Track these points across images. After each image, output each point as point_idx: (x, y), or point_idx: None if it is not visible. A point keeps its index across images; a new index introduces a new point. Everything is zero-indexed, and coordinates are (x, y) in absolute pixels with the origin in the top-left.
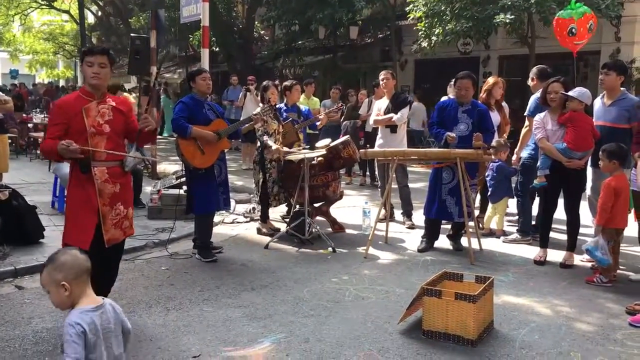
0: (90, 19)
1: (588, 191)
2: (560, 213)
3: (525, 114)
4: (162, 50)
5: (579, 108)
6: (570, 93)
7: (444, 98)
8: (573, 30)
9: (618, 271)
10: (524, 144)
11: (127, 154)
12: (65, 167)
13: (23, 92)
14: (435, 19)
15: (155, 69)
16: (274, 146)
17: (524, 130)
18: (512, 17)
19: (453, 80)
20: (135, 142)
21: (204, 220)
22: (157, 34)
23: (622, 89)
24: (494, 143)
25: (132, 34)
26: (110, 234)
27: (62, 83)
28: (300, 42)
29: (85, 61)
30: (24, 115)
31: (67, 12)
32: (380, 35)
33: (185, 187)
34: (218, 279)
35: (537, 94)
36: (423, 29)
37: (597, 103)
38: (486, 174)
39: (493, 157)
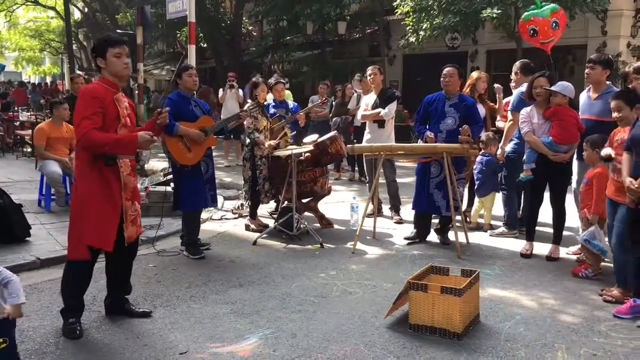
0: (77, 15)
1: (574, 184)
2: (546, 206)
3: (509, 108)
4: (149, 47)
5: (563, 102)
6: (553, 88)
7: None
8: (534, 30)
9: (602, 263)
10: (508, 138)
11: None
12: (52, 165)
13: (21, 92)
14: (423, 14)
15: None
16: (266, 143)
17: (508, 125)
18: (499, 11)
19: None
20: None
21: (192, 217)
22: (143, 30)
23: (607, 82)
24: (483, 137)
25: (118, 31)
26: (129, 230)
27: (48, 79)
28: (288, 37)
29: (113, 53)
30: (10, 113)
31: (53, 8)
32: (369, 31)
33: (172, 184)
34: (206, 276)
35: (521, 89)
36: (411, 24)
37: (583, 97)
38: (474, 167)
39: (483, 151)
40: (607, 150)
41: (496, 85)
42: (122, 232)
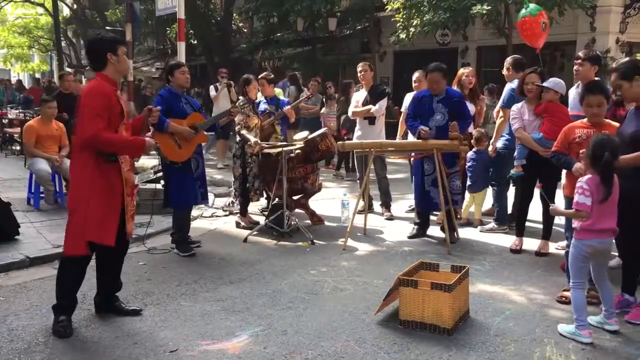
0: (66, 11)
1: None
2: (536, 202)
3: (499, 105)
4: (138, 44)
5: (555, 98)
6: (545, 84)
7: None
8: (545, 23)
9: None
10: (499, 134)
11: None
12: (41, 163)
13: (37, 91)
14: (413, 10)
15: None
16: (253, 139)
17: (498, 121)
18: (489, 8)
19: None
20: (141, 132)
21: (182, 214)
22: (132, 27)
23: (596, 79)
24: (475, 133)
25: (107, 27)
26: (129, 225)
27: (37, 77)
28: (279, 34)
29: (123, 51)
30: None
31: (42, 5)
32: (359, 27)
33: (163, 182)
34: (196, 273)
35: (511, 85)
36: (401, 20)
37: (572, 93)
38: (467, 163)
39: (475, 148)
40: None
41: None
42: (120, 228)
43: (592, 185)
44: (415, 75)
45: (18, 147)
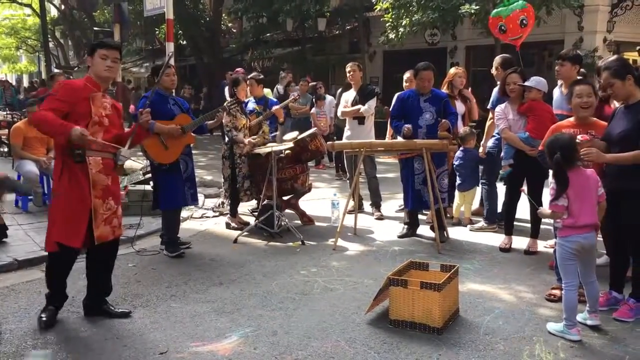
0: (53, 12)
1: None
2: (524, 201)
3: (489, 106)
4: (127, 44)
5: (538, 97)
6: (527, 83)
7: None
8: (502, 27)
9: None
10: (489, 135)
11: (121, 147)
12: (28, 165)
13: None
14: (402, 10)
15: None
16: (245, 141)
17: (488, 123)
18: (477, 7)
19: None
20: (131, 138)
21: (171, 215)
22: (120, 27)
23: (578, 77)
24: (461, 132)
25: (95, 28)
26: (100, 230)
27: (25, 78)
28: (268, 34)
29: (99, 53)
30: None
31: (29, 6)
32: (349, 27)
33: (152, 183)
34: (186, 275)
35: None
36: (390, 20)
37: (556, 92)
38: (455, 162)
39: (462, 147)
40: None
41: None
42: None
43: None
44: (406, 75)
45: (6, 149)
